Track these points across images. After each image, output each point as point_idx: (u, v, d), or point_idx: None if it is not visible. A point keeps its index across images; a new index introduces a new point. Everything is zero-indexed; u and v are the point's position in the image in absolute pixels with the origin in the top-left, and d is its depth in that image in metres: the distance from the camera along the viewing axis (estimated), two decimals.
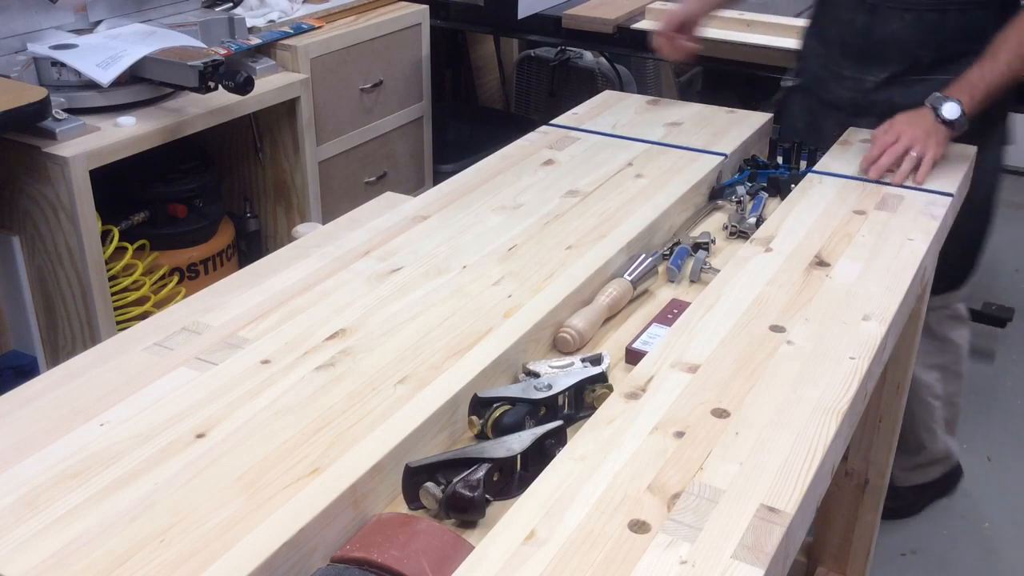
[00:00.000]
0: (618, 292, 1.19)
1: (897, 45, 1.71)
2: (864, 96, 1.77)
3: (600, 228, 1.31)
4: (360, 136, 2.64)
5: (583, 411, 0.99)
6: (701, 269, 1.27)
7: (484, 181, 1.47)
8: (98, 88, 1.99)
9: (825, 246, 1.25)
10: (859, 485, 1.78)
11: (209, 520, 0.79)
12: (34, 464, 0.86)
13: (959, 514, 2.36)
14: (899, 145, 1.50)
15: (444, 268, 1.21)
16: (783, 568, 0.80)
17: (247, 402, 0.94)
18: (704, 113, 1.76)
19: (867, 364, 1.00)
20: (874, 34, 1.71)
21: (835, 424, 0.90)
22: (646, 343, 1.10)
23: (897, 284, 1.17)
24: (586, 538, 0.76)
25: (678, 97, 2.74)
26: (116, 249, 2.06)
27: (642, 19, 2.65)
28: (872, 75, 1.75)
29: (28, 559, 0.75)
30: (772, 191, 1.52)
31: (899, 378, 1.68)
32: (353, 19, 2.61)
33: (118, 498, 0.81)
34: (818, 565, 1.89)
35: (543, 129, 1.69)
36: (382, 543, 0.79)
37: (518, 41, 3.62)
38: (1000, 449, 2.59)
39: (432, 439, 0.93)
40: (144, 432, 0.90)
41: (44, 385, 0.98)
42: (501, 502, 0.86)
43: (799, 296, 1.13)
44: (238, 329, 1.07)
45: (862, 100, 1.77)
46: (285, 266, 1.22)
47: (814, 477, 0.84)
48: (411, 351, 1.03)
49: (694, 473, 0.83)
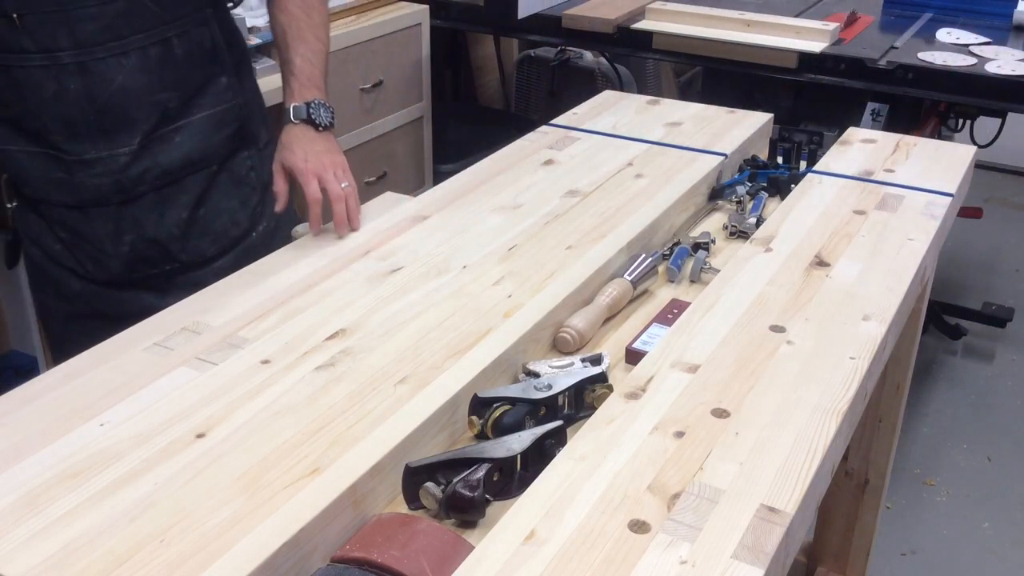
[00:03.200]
0: (618, 292, 1.19)
1: (134, 99, 1.35)
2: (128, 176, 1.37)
3: (600, 228, 1.31)
4: (360, 136, 2.64)
5: (583, 411, 0.99)
6: (701, 269, 1.27)
7: (484, 181, 1.47)
8: None
9: (825, 246, 1.25)
10: (859, 485, 1.78)
11: (209, 520, 0.79)
12: (34, 464, 0.86)
13: (959, 514, 2.36)
14: (334, 184, 1.34)
15: (444, 268, 1.21)
16: (783, 568, 0.80)
17: (247, 402, 0.94)
18: (704, 113, 1.76)
19: (867, 364, 1.00)
20: (99, 98, 1.33)
21: (835, 424, 0.90)
22: (646, 343, 1.10)
23: (897, 284, 1.17)
24: (586, 538, 0.76)
25: (678, 97, 2.74)
26: None
27: (642, 19, 2.65)
28: (125, 146, 1.36)
29: (28, 559, 0.75)
30: (772, 191, 1.52)
31: (899, 378, 1.68)
32: (353, 19, 2.61)
33: (118, 498, 0.81)
34: (818, 565, 1.89)
35: (543, 129, 1.69)
36: (382, 543, 0.79)
37: (518, 41, 3.62)
38: (1000, 449, 2.60)
39: (432, 439, 0.93)
40: (144, 432, 0.90)
41: (44, 385, 0.98)
42: (501, 502, 0.87)
43: (799, 296, 1.13)
44: (238, 329, 1.07)
45: (132, 182, 1.38)
46: (285, 266, 1.22)
47: (814, 477, 0.84)
48: (411, 351, 1.03)
49: (694, 473, 0.83)
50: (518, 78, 3.57)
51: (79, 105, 1.32)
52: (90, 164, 1.36)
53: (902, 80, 2.32)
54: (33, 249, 1.47)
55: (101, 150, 1.35)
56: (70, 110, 1.32)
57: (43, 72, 1.30)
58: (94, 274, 1.43)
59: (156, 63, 1.35)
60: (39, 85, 1.31)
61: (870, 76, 2.34)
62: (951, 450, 2.60)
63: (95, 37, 1.30)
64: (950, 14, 2.77)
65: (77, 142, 1.34)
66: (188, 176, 1.42)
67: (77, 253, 1.42)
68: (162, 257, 1.43)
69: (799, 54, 2.40)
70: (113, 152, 1.36)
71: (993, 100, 2.30)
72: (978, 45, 2.46)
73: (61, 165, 1.36)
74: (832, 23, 2.51)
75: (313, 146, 1.37)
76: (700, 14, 2.59)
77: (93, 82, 1.32)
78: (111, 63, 1.32)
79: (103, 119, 1.34)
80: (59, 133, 1.34)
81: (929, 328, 2.95)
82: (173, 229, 1.42)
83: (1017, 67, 2.28)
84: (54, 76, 1.30)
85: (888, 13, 2.81)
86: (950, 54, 2.37)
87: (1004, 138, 2.73)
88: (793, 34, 2.47)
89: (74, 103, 1.32)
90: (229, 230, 1.48)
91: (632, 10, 2.67)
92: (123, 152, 1.36)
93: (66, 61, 1.30)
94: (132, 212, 1.40)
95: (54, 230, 1.42)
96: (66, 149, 1.34)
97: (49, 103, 1.32)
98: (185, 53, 1.37)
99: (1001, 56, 2.37)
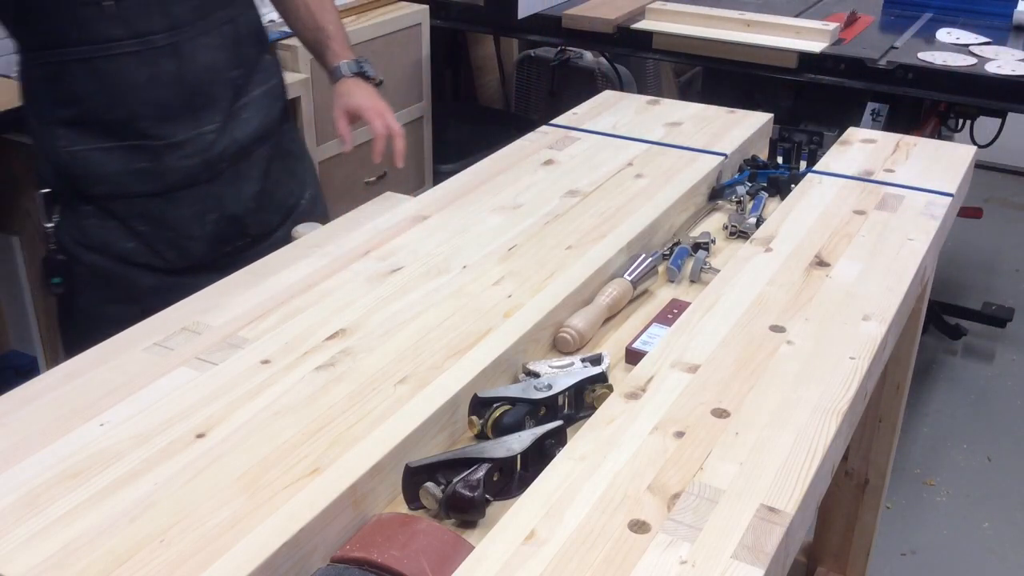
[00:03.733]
0: (618, 292, 1.19)
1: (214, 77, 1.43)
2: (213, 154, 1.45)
3: (600, 228, 1.31)
4: (360, 136, 2.64)
5: (583, 411, 0.99)
6: (701, 269, 1.27)
7: (484, 181, 1.47)
8: None
9: (825, 246, 1.25)
10: (859, 485, 1.78)
11: (209, 520, 0.79)
12: (34, 464, 0.86)
13: (959, 514, 2.36)
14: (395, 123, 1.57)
15: (444, 268, 1.21)
16: (783, 568, 0.80)
17: (247, 402, 0.94)
18: (704, 113, 1.76)
19: (867, 364, 1.00)
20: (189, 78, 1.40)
21: (835, 424, 0.90)
22: (646, 343, 1.10)
23: (897, 284, 1.17)
24: (586, 538, 0.76)
25: (678, 97, 2.74)
26: None
27: (642, 19, 2.65)
28: (210, 124, 1.44)
29: (28, 559, 0.75)
30: (772, 191, 1.52)
31: (899, 378, 1.68)
32: (353, 19, 2.61)
33: (118, 498, 0.81)
34: (818, 565, 1.89)
35: (543, 129, 1.69)
36: (382, 543, 0.79)
37: (518, 41, 3.62)
38: (1000, 449, 2.60)
39: (432, 439, 0.93)
40: (144, 432, 0.90)
41: (44, 385, 0.98)
42: (501, 502, 0.87)
43: (799, 296, 1.13)
44: (238, 329, 1.07)
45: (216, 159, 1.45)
46: (285, 266, 1.22)
47: (814, 477, 0.84)
48: (411, 351, 1.03)
49: (694, 473, 0.83)
50: (518, 78, 3.57)
51: (172, 87, 1.38)
52: (180, 146, 1.41)
53: (902, 80, 2.32)
54: (92, 258, 1.45)
55: (190, 130, 1.41)
56: (163, 93, 1.37)
57: (134, 58, 1.34)
58: (174, 263, 1.46)
59: (229, 41, 1.43)
60: (130, 72, 1.35)
61: (870, 76, 2.34)
62: (951, 450, 2.60)
63: (185, 18, 1.37)
64: (950, 14, 2.77)
65: (168, 125, 1.39)
66: (256, 150, 1.51)
67: (156, 244, 1.45)
68: (238, 233, 1.50)
69: (799, 54, 2.41)
70: (201, 131, 1.42)
71: (993, 100, 2.30)
72: (978, 45, 2.46)
73: (145, 153, 1.39)
74: (832, 23, 2.51)
75: (371, 93, 1.58)
76: (700, 14, 2.59)
77: (183, 63, 1.38)
78: (198, 43, 1.39)
79: (193, 99, 1.40)
80: (150, 118, 1.38)
81: (929, 328, 2.95)
82: (249, 203, 1.50)
83: (1017, 67, 2.28)
84: (147, 60, 1.35)
85: (888, 13, 2.81)
86: (950, 54, 2.37)
87: (1004, 138, 2.74)
88: (793, 34, 2.47)
89: (167, 85, 1.37)
90: (287, 200, 1.58)
91: (632, 10, 2.67)
92: (210, 130, 1.43)
93: (160, 44, 1.35)
94: (215, 190, 1.46)
95: (130, 225, 1.44)
96: (155, 134, 1.39)
97: (141, 89, 1.36)
98: (245, 32, 1.47)
99: (1001, 56, 2.37)
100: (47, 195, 1.43)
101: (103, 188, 1.41)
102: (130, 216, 1.43)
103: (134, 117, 1.37)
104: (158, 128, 1.39)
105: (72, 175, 1.40)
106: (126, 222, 1.43)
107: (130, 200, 1.42)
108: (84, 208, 1.43)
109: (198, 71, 1.40)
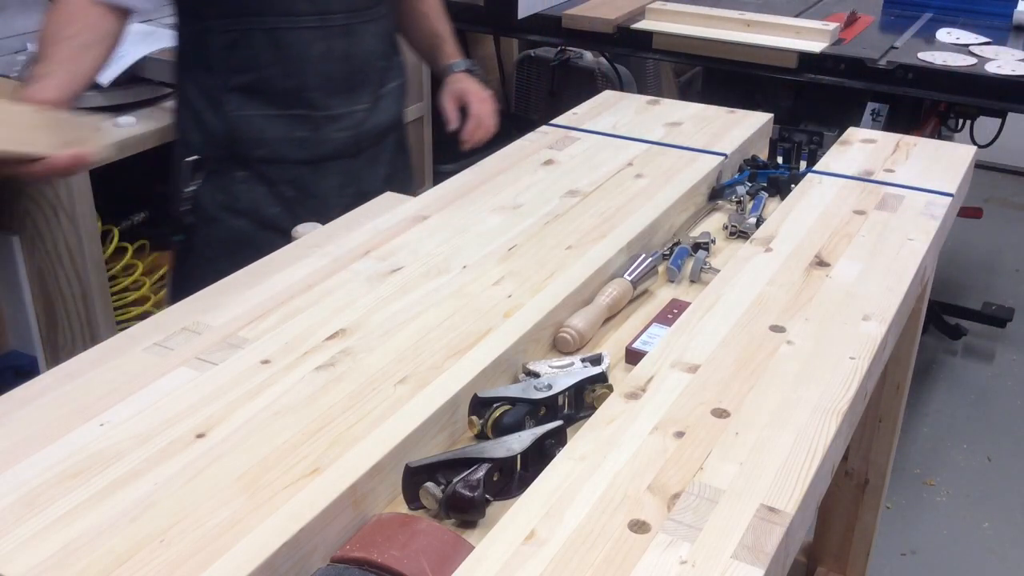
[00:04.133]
0: (618, 292, 1.19)
1: (371, 62, 1.61)
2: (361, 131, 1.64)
3: (600, 228, 1.31)
4: None
5: (583, 411, 0.99)
6: (701, 269, 1.27)
7: (484, 181, 1.47)
8: (98, 88, 1.99)
9: (825, 246, 1.25)
10: (859, 485, 1.78)
11: (209, 520, 0.79)
12: (34, 464, 0.86)
13: (959, 514, 2.36)
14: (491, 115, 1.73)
15: (444, 268, 1.21)
16: (783, 568, 0.80)
17: (247, 402, 0.94)
18: (704, 113, 1.76)
19: (867, 364, 1.00)
20: (353, 57, 1.57)
21: (835, 424, 0.90)
22: (646, 343, 1.10)
23: (897, 284, 1.17)
24: (586, 538, 0.76)
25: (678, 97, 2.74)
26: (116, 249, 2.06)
27: (642, 19, 2.65)
28: (362, 103, 1.62)
29: (28, 559, 0.75)
30: (772, 191, 1.52)
31: (899, 378, 1.68)
32: None
33: (118, 498, 0.81)
34: (818, 565, 1.89)
35: (543, 129, 1.69)
36: (382, 543, 0.79)
37: (518, 41, 3.62)
38: (1000, 449, 2.60)
39: (432, 439, 0.93)
40: (144, 432, 0.90)
41: (44, 385, 0.98)
42: (501, 502, 0.86)
43: (799, 296, 1.13)
44: (238, 329, 1.07)
45: (362, 136, 1.64)
46: (285, 266, 1.22)
47: (814, 477, 0.84)
48: (411, 351, 1.03)
49: (694, 473, 0.83)
50: (518, 78, 3.56)
51: (339, 64, 1.55)
52: (337, 119, 1.58)
53: (902, 80, 2.32)
54: (234, 221, 1.58)
55: (347, 106, 1.58)
56: (332, 68, 1.54)
57: (313, 33, 1.50)
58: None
59: (384, 33, 1.62)
60: (308, 45, 1.51)
61: (870, 76, 2.34)
62: (951, 450, 2.60)
63: (359, 3, 1.54)
64: (950, 14, 2.77)
65: (331, 97, 1.55)
66: (386, 138, 1.69)
67: (299, 210, 1.56)
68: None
69: (799, 54, 2.41)
70: (354, 108, 1.59)
71: (993, 100, 2.30)
72: (978, 45, 2.46)
73: (306, 123, 1.55)
74: (832, 23, 2.51)
75: (478, 84, 1.76)
76: (700, 14, 2.59)
77: (351, 43, 1.55)
78: (365, 28, 1.57)
79: (352, 77, 1.58)
80: (318, 89, 1.54)
81: (929, 328, 2.95)
82: (379, 184, 1.63)
83: (1017, 67, 2.28)
84: (323, 36, 1.51)
85: (888, 13, 2.81)
86: (950, 54, 2.37)
87: (1004, 138, 2.74)
88: (793, 34, 2.47)
89: (336, 61, 1.54)
90: (405, 186, 1.70)
91: (632, 10, 2.67)
92: (361, 108, 1.61)
93: (336, 23, 1.52)
94: (356, 166, 1.63)
95: (279, 190, 1.58)
96: (320, 104, 1.55)
97: (315, 61, 1.52)
98: (392, 30, 1.66)
99: (1001, 56, 2.37)
100: (194, 162, 1.56)
101: (263, 152, 1.55)
102: (281, 181, 1.57)
103: (304, 87, 1.53)
104: (323, 100, 1.55)
105: (236, 137, 1.54)
106: (275, 187, 1.57)
107: (284, 166, 1.57)
108: (237, 173, 1.56)
109: (361, 54, 1.57)
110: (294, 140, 1.56)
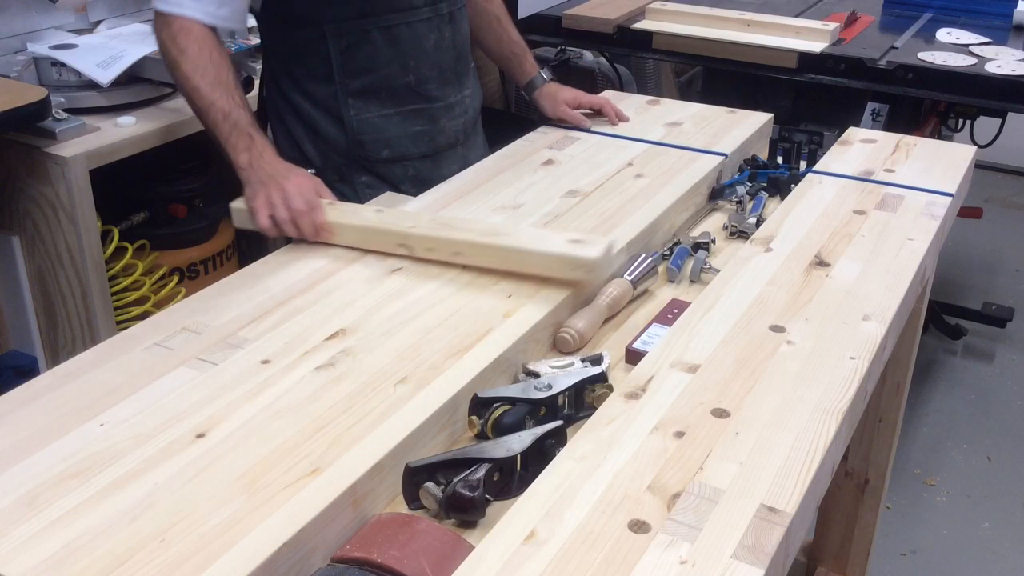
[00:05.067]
0: (618, 292, 1.19)
1: (467, 48, 1.66)
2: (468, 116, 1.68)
3: (600, 228, 1.31)
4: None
5: (583, 411, 0.99)
6: (701, 269, 1.27)
7: (484, 181, 1.47)
8: (98, 88, 1.99)
9: (825, 246, 1.25)
10: (859, 485, 1.78)
11: (209, 520, 0.79)
12: (34, 464, 0.86)
13: (959, 514, 2.36)
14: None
15: (444, 268, 1.21)
16: (783, 568, 0.80)
17: (247, 402, 0.94)
18: (704, 113, 1.76)
19: (867, 364, 1.00)
20: (458, 45, 1.62)
21: (835, 424, 0.90)
22: (646, 343, 1.10)
23: (897, 284, 1.17)
24: (586, 538, 0.76)
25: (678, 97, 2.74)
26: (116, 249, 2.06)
27: (642, 19, 2.65)
28: (467, 88, 1.67)
29: (28, 559, 0.75)
30: (772, 191, 1.52)
31: (899, 378, 1.68)
32: None
33: (118, 498, 0.81)
34: (818, 565, 1.89)
35: (543, 129, 1.69)
36: (382, 543, 0.79)
37: None
38: (1000, 449, 2.60)
39: (432, 439, 0.93)
40: (144, 432, 0.90)
41: (44, 385, 0.98)
42: (501, 502, 0.87)
43: (799, 296, 1.13)
44: (238, 329, 1.07)
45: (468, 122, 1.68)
46: (285, 266, 1.22)
47: (814, 477, 0.84)
48: (411, 351, 1.03)
49: (694, 473, 0.83)
50: None
51: (449, 52, 1.58)
52: (451, 108, 1.61)
53: (902, 80, 2.32)
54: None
55: (458, 93, 1.62)
56: (443, 57, 1.58)
57: (426, 25, 1.54)
58: None
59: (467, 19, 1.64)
60: (422, 37, 1.54)
61: (870, 76, 2.34)
62: (951, 450, 2.60)
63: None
64: (950, 14, 2.77)
65: (444, 87, 1.59)
66: (478, 123, 1.73)
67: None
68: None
69: (799, 54, 2.40)
70: (462, 95, 1.63)
71: (993, 100, 2.30)
72: (978, 45, 2.46)
73: (422, 117, 1.58)
74: (832, 23, 2.51)
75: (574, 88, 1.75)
76: (700, 14, 2.59)
77: (455, 30, 1.59)
78: (462, 14, 1.61)
79: (459, 64, 1.61)
80: (434, 81, 1.57)
81: (929, 328, 2.95)
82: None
83: (1017, 67, 2.28)
84: (434, 27, 1.55)
85: (888, 13, 2.81)
86: (950, 54, 2.37)
87: (1004, 138, 2.74)
88: (793, 34, 2.47)
89: (446, 50, 1.58)
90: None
91: (632, 10, 2.67)
92: (467, 94, 1.65)
93: (443, 12, 1.56)
94: (464, 153, 1.66)
95: (401, 189, 1.58)
96: (437, 95, 1.58)
97: (429, 52, 1.55)
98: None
99: (1001, 56, 2.37)
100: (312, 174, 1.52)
101: (387, 152, 1.57)
102: (404, 179, 1.59)
103: (420, 80, 1.56)
104: (439, 90, 1.58)
105: (360, 141, 1.55)
106: (399, 186, 1.58)
107: (405, 164, 1.59)
108: (361, 179, 1.58)
109: (462, 40, 1.61)
110: (413, 135, 1.58)
